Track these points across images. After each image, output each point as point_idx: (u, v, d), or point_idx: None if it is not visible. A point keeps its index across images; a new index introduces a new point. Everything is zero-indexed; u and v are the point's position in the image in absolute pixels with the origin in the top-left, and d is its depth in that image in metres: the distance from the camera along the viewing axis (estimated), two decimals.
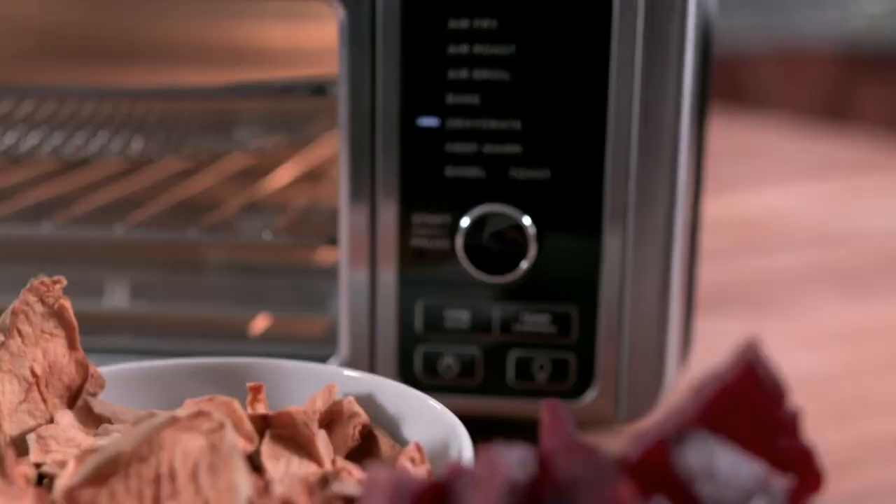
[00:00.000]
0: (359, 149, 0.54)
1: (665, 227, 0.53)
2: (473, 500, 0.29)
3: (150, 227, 0.64)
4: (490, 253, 0.53)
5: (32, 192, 0.69)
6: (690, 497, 0.29)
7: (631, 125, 0.52)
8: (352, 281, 0.56)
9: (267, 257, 0.73)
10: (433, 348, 0.56)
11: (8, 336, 0.43)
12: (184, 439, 0.36)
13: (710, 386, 0.29)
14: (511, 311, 0.54)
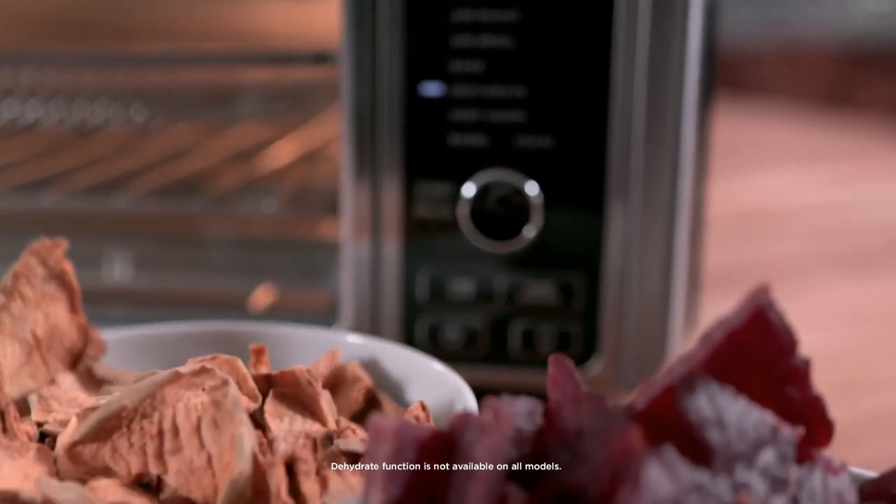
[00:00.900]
0: (361, 118, 0.54)
1: (670, 196, 0.53)
2: (479, 449, 0.29)
3: (151, 200, 0.63)
4: (494, 218, 0.53)
5: (32, 164, 0.68)
6: (699, 445, 0.28)
7: (635, 92, 0.52)
8: (354, 252, 0.55)
9: (268, 232, 0.73)
10: (437, 319, 0.55)
11: (9, 298, 0.43)
12: (186, 395, 0.35)
13: (718, 331, 0.29)
14: (515, 281, 0.54)
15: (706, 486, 0.27)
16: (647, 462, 0.26)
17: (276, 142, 0.71)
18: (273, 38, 0.70)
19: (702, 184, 0.60)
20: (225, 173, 0.69)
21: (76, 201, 0.63)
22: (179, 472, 0.34)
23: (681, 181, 0.53)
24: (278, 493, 0.32)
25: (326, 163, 0.72)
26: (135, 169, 0.68)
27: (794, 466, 0.29)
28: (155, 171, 0.68)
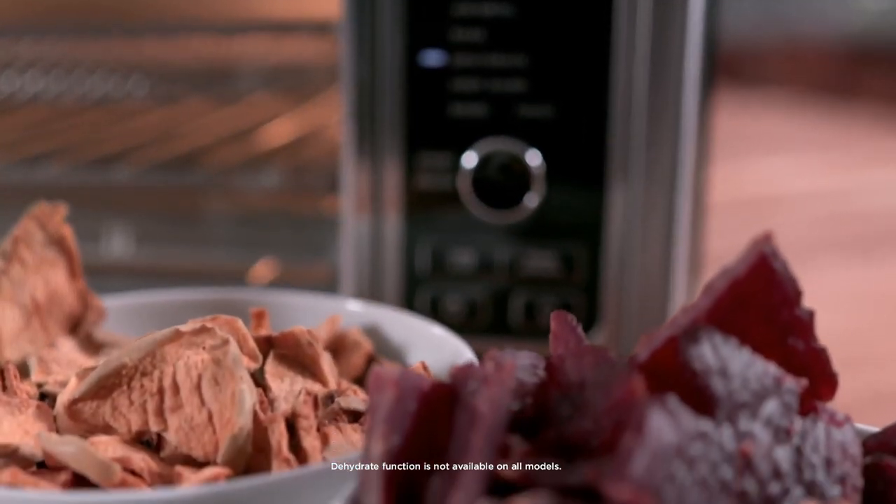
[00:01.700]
0: (362, 88, 0.54)
1: (671, 165, 0.53)
2: (481, 399, 0.28)
3: (151, 174, 0.63)
4: (495, 187, 0.52)
5: (32, 137, 0.68)
6: (702, 395, 0.28)
7: (636, 61, 0.51)
8: (354, 225, 0.55)
9: (269, 206, 0.73)
10: (437, 291, 0.55)
11: (8, 263, 0.43)
12: (187, 354, 0.35)
13: (721, 281, 0.29)
14: (516, 253, 0.54)
15: (710, 435, 0.27)
16: (651, 409, 0.26)
17: (277, 117, 0.71)
18: (274, 8, 0.69)
19: (704, 155, 0.60)
20: (226, 148, 0.69)
21: (76, 174, 0.63)
22: (180, 429, 0.34)
23: (682, 150, 0.53)
24: (279, 448, 0.32)
25: (327, 137, 0.72)
26: (135, 143, 0.68)
27: (798, 418, 0.29)
28: (155, 146, 0.67)
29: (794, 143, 1.38)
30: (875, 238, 0.97)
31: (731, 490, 0.27)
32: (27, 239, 0.43)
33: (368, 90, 0.54)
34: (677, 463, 0.26)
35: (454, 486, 0.27)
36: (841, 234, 0.98)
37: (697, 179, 0.58)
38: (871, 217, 1.04)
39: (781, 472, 0.28)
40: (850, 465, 0.29)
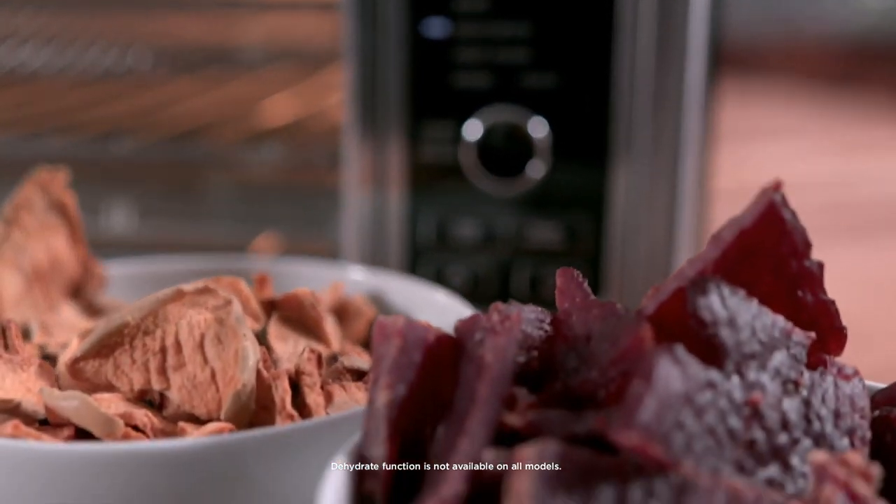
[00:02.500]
0: (365, 61, 0.53)
1: (676, 136, 0.52)
2: (487, 350, 0.28)
3: (154, 149, 0.63)
4: (500, 155, 0.52)
5: (35, 111, 0.68)
6: (710, 346, 0.28)
7: (640, 30, 0.51)
8: (357, 197, 0.55)
9: (271, 181, 0.73)
10: (441, 263, 0.55)
11: (10, 228, 0.42)
12: (189, 313, 0.35)
13: (729, 231, 0.28)
14: (520, 224, 0.54)
15: (718, 385, 0.27)
16: (659, 358, 0.26)
17: (280, 92, 0.71)
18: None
19: (710, 129, 0.60)
20: (229, 123, 0.68)
21: (79, 148, 0.63)
22: (182, 388, 0.34)
23: (687, 120, 0.53)
24: (283, 404, 0.32)
25: (330, 111, 0.72)
26: (138, 118, 0.67)
27: (806, 371, 0.29)
28: (158, 121, 0.67)
29: (800, 131, 1.38)
30: (877, 224, 0.97)
31: (739, 439, 0.27)
32: (28, 204, 0.43)
33: (371, 62, 0.53)
34: (685, 411, 0.26)
35: (460, 434, 0.27)
36: (845, 219, 0.98)
37: (703, 158, 0.58)
38: (873, 204, 1.04)
39: (790, 424, 0.28)
40: (859, 417, 0.29)
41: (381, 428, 0.27)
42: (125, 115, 0.69)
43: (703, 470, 0.25)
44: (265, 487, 0.29)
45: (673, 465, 0.25)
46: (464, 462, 0.26)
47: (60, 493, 0.28)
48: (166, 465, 0.28)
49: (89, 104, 0.70)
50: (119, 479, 0.28)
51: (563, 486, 0.24)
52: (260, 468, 0.29)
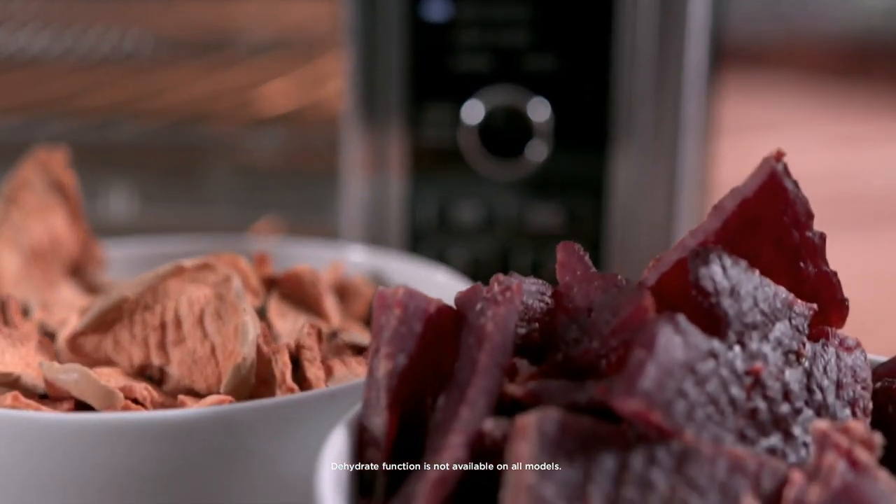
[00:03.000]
0: (365, 45, 0.53)
1: (676, 120, 0.52)
2: (487, 320, 0.28)
3: (155, 134, 0.63)
4: (500, 135, 0.52)
5: (35, 96, 0.68)
6: (712, 316, 0.28)
7: (641, 10, 0.51)
8: (357, 181, 0.55)
9: (271, 166, 0.72)
10: (442, 247, 0.55)
11: (9, 207, 0.42)
12: (189, 289, 0.35)
13: (731, 200, 0.28)
14: (521, 207, 0.53)
15: (719, 354, 0.27)
16: (661, 326, 0.26)
17: (280, 77, 0.70)
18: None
19: (711, 115, 0.59)
20: (229, 108, 0.68)
21: (79, 133, 0.62)
22: (182, 363, 0.34)
23: (687, 104, 0.52)
24: (283, 378, 0.32)
25: (330, 95, 0.72)
26: (138, 103, 0.67)
27: (808, 342, 0.29)
28: (158, 106, 0.67)
29: (801, 124, 1.38)
30: (877, 216, 0.97)
31: (740, 409, 0.26)
32: (28, 184, 0.43)
33: (372, 46, 0.53)
34: (687, 380, 0.26)
35: (461, 403, 0.27)
36: (846, 212, 0.98)
37: (703, 142, 0.58)
38: (874, 196, 1.04)
39: (791, 394, 0.27)
40: (861, 388, 0.29)
41: (382, 397, 0.27)
42: (125, 100, 0.69)
43: (705, 438, 0.25)
44: (264, 459, 0.29)
45: (675, 433, 0.25)
46: (464, 430, 0.26)
47: (60, 464, 0.28)
48: (165, 435, 0.28)
49: (89, 89, 0.70)
50: (118, 449, 0.28)
51: (564, 453, 0.24)
52: (259, 439, 0.29)
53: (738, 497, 0.25)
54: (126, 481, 0.28)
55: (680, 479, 0.25)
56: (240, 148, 0.67)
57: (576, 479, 0.24)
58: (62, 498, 0.29)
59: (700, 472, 0.25)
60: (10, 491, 0.29)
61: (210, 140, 0.62)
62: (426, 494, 0.25)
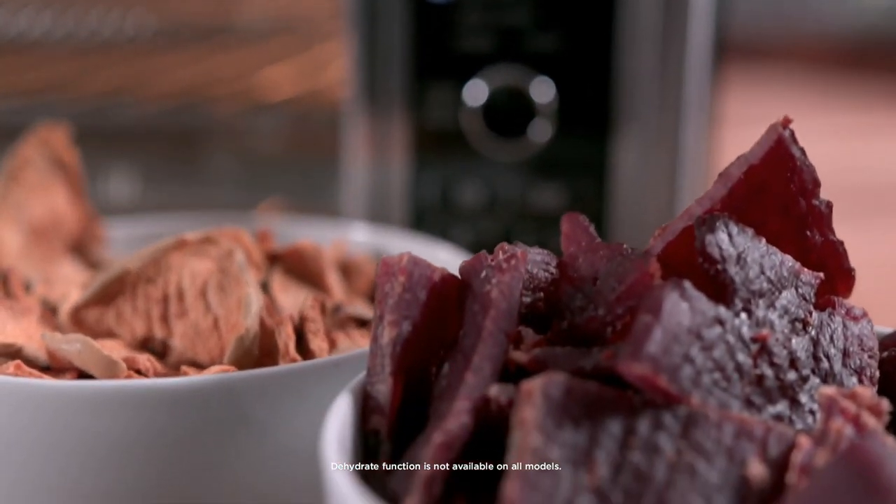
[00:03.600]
0: (368, 25, 0.53)
1: (678, 101, 0.52)
2: (492, 287, 0.28)
3: (155, 118, 0.63)
4: (504, 115, 0.52)
5: (36, 78, 0.68)
6: (718, 283, 0.27)
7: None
8: (360, 163, 0.55)
9: (273, 148, 0.72)
10: (444, 229, 0.54)
11: (11, 184, 0.42)
12: (192, 262, 0.35)
13: (737, 167, 0.28)
14: (524, 189, 0.53)
15: (726, 320, 0.26)
16: (667, 292, 0.26)
17: (282, 59, 0.70)
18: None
19: (715, 97, 0.59)
20: (231, 92, 0.68)
21: (80, 116, 0.62)
22: (185, 335, 0.34)
23: (690, 84, 0.52)
24: (286, 350, 0.32)
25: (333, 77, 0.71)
26: (140, 86, 0.67)
27: (815, 311, 0.29)
28: (159, 89, 0.67)
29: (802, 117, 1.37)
30: (877, 207, 0.97)
31: (747, 375, 0.26)
32: (29, 161, 0.43)
33: (374, 27, 0.53)
34: (693, 346, 0.25)
35: (466, 369, 0.26)
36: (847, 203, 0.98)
37: (706, 122, 0.58)
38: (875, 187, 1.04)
39: (798, 361, 0.27)
40: (868, 357, 0.29)
41: (386, 364, 0.27)
42: (127, 83, 0.69)
43: (711, 404, 0.25)
44: (268, 427, 0.29)
45: (681, 398, 0.25)
46: (469, 396, 0.26)
47: (63, 432, 0.28)
48: (167, 403, 0.28)
49: (90, 72, 0.69)
50: (120, 417, 0.28)
51: (570, 417, 0.24)
52: (262, 408, 0.29)
53: (745, 462, 0.24)
54: (129, 449, 0.28)
55: (686, 444, 0.24)
56: (242, 131, 0.67)
57: (582, 444, 0.24)
58: (66, 466, 0.28)
59: (706, 437, 0.25)
60: (14, 458, 0.29)
61: (212, 123, 0.61)
62: (431, 458, 0.25)
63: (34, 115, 0.62)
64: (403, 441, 0.27)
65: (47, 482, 0.29)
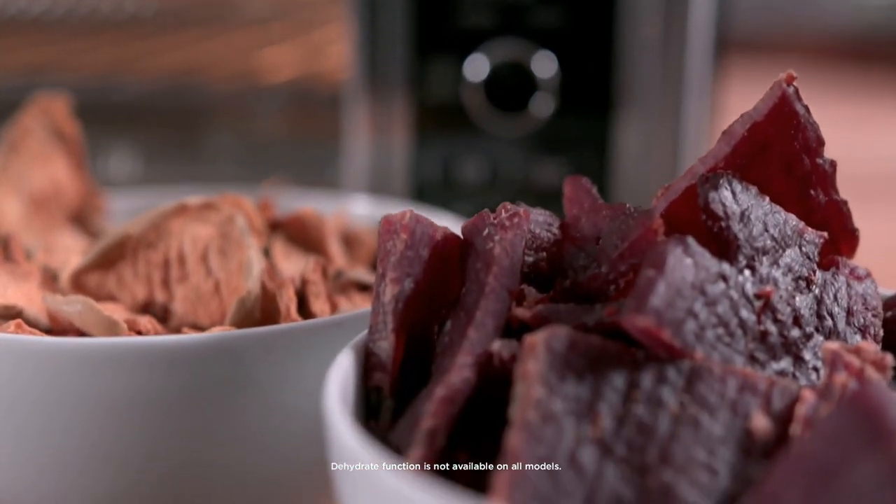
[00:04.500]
0: (368, 1, 0.53)
1: (680, 76, 0.52)
2: (495, 244, 0.28)
3: (155, 95, 0.62)
4: (505, 89, 0.51)
5: (36, 55, 0.67)
6: (722, 241, 0.27)
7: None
8: (362, 140, 0.55)
9: (274, 127, 0.72)
10: (446, 204, 0.54)
11: (11, 154, 0.42)
12: (193, 227, 0.34)
13: (741, 125, 0.28)
14: (526, 164, 0.53)
15: (729, 277, 0.26)
16: (671, 247, 0.26)
17: (283, 37, 0.70)
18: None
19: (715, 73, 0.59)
20: (232, 71, 0.68)
21: (81, 94, 0.62)
22: (186, 299, 0.33)
23: (692, 57, 0.52)
24: (288, 312, 0.31)
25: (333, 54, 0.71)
26: (141, 65, 0.67)
27: (819, 270, 0.28)
28: (160, 68, 0.67)
29: None
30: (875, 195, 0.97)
31: (751, 332, 0.26)
32: (29, 131, 0.43)
33: (375, 2, 0.53)
34: (697, 301, 0.25)
35: (469, 324, 0.26)
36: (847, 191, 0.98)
37: (708, 99, 0.58)
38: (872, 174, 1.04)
39: (802, 319, 0.27)
40: (872, 315, 0.29)
41: (388, 321, 0.27)
42: (127, 61, 0.68)
43: (715, 359, 0.25)
44: (268, 386, 0.29)
45: (684, 352, 0.25)
46: (472, 350, 0.26)
47: (64, 390, 0.28)
48: (168, 360, 0.28)
49: (90, 50, 0.69)
50: (120, 374, 0.28)
51: (573, 370, 0.24)
52: (263, 367, 0.29)
53: (749, 415, 0.24)
54: (130, 407, 0.28)
55: (689, 398, 0.24)
56: (243, 111, 0.67)
57: (585, 396, 0.24)
58: (67, 424, 0.28)
59: (710, 391, 0.24)
60: (17, 416, 0.28)
61: (213, 104, 0.61)
62: (433, 413, 0.25)
63: (34, 92, 0.61)
64: (405, 399, 0.27)
65: (49, 440, 0.29)
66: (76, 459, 0.29)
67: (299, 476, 0.31)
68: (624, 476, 0.23)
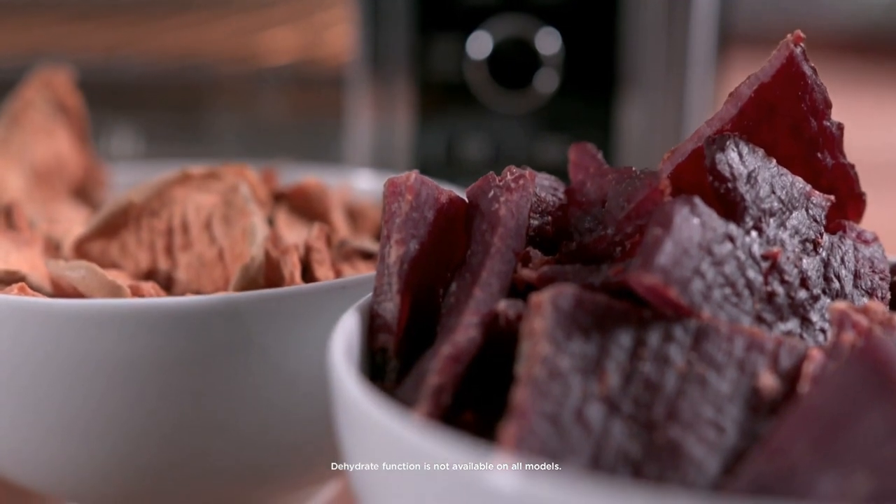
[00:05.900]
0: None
1: (684, 55, 0.52)
2: (501, 206, 0.28)
3: (158, 76, 0.62)
4: (509, 65, 0.51)
5: (42, 34, 0.67)
6: (728, 202, 0.27)
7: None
8: (365, 120, 0.54)
9: (277, 107, 0.72)
10: (450, 182, 0.54)
11: (13, 126, 0.42)
12: (196, 195, 0.34)
13: (747, 86, 0.28)
14: (530, 142, 0.53)
15: (736, 237, 0.26)
16: (678, 206, 0.25)
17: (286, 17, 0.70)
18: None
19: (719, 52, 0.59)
20: (234, 51, 0.68)
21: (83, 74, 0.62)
22: (190, 266, 0.33)
23: (695, 41, 0.52)
24: (292, 279, 0.31)
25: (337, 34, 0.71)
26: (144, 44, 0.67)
27: (826, 233, 0.28)
28: (162, 48, 0.66)
29: None
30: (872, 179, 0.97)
31: (758, 292, 0.26)
32: (31, 104, 0.42)
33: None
34: (704, 260, 0.25)
35: (474, 284, 0.26)
36: None
37: (712, 80, 0.57)
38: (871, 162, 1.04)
39: (809, 280, 0.27)
40: (879, 279, 0.28)
41: (393, 283, 0.27)
42: (131, 42, 0.68)
43: (722, 318, 0.25)
44: (272, 350, 0.29)
45: (691, 311, 0.24)
46: (478, 310, 0.25)
47: (68, 351, 0.28)
48: (172, 321, 0.28)
49: (93, 30, 0.69)
50: (124, 336, 0.27)
51: (580, 328, 0.24)
52: (267, 330, 0.28)
53: (756, 373, 0.24)
54: (133, 370, 0.28)
55: (696, 356, 0.24)
56: (246, 92, 0.67)
57: (591, 354, 0.24)
58: (70, 385, 0.28)
59: (717, 349, 0.24)
60: (20, 377, 0.28)
61: (216, 84, 0.61)
62: (439, 370, 0.24)
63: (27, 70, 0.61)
64: (410, 361, 0.27)
65: (51, 402, 0.28)
66: (78, 421, 0.29)
67: (303, 438, 0.31)
68: (631, 432, 0.23)
